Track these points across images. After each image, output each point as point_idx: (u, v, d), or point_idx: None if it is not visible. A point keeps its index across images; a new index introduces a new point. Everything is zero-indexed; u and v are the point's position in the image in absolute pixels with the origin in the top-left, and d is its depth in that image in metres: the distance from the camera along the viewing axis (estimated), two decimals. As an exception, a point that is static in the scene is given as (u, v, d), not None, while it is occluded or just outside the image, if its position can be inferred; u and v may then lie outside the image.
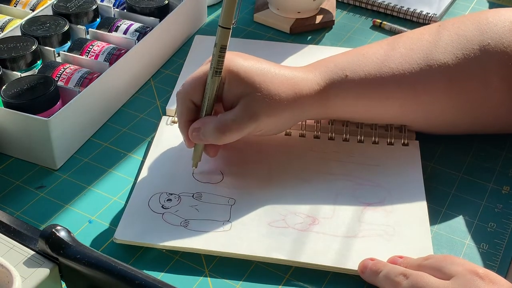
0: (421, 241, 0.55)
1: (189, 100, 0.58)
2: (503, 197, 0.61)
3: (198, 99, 0.58)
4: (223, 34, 0.54)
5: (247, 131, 0.58)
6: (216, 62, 0.55)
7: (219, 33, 0.54)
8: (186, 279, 0.52)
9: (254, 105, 0.57)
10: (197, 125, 0.57)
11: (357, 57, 0.62)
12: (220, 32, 0.54)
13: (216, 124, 0.56)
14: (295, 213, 0.57)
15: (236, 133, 0.57)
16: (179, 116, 0.59)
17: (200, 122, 0.57)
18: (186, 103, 0.58)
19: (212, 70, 0.56)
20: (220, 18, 0.54)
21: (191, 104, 0.58)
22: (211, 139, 0.57)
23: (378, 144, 0.65)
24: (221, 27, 0.54)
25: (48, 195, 0.60)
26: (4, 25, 0.75)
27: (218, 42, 0.55)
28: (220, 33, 0.54)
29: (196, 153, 0.60)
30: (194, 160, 0.60)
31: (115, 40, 0.73)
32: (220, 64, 0.56)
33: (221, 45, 0.55)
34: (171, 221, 0.56)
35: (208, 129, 0.57)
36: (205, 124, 0.57)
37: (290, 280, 0.53)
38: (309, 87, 0.60)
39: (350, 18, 0.88)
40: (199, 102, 0.58)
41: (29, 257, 0.46)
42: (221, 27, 0.54)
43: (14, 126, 0.61)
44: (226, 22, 0.54)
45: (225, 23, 0.54)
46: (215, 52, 0.55)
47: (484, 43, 0.60)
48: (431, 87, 0.60)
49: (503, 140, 0.67)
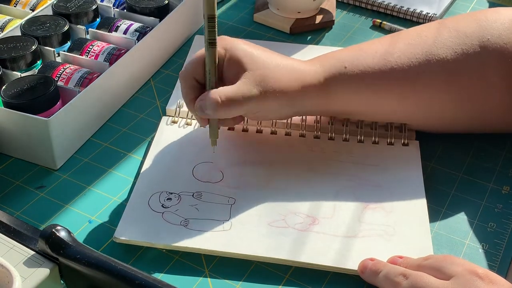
0: (421, 241, 0.55)
1: (192, 78, 0.58)
2: (503, 197, 0.61)
3: (201, 76, 0.58)
4: (209, 3, 0.55)
5: (247, 106, 0.57)
6: (208, 33, 0.56)
7: (205, 2, 0.55)
8: (186, 279, 0.52)
9: (256, 80, 0.57)
10: (199, 99, 0.58)
11: (357, 51, 0.62)
12: (205, 2, 0.55)
13: (215, 96, 0.56)
14: (295, 213, 0.57)
15: (235, 106, 0.57)
16: (184, 96, 0.59)
17: (202, 96, 0.58)
18: (189, 82, 0.58)
19: (206, 42, 0.56)
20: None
21: (195, 82, 0.58)
22: (211, 111, 0.57)
23: (378, 144, 0.65)
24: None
25: (48, 195, 0.60)
26: (4, 25, 0.75)
27: (205, 12, 0.55)
28: (205, 2, 0.55)
29: (212, 130, 0.60)
30: (211, 138, 0.60)
31: (115, 40, 0.73)
32: (211, 35, 0.56)
33: (208, 15, 0.55)
34: (171, 220, 0.56)
35: (208, 101, 0.57)
36: (206, 96, 0.57)
37: (290, 280, 0.53)
38: (310, 76, 0.60)
39: (350, 18, 0.88)
40: (202, 80, 0.58)
41: (29, 257, 0.46)
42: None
43: (14, 126, 0.61)
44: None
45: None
46: (205, 24, 0.56)
47: (484, 39, 0.60)
48: (430, 82, 0.61)
49: (503, 140, 0.67)
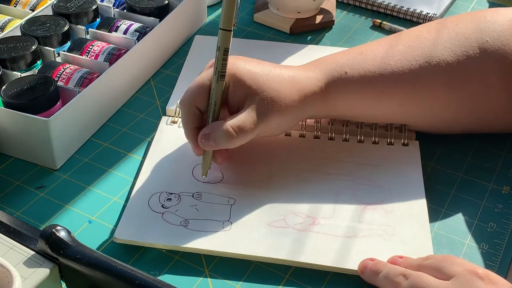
0: (421, 241, 0.55)
1: (194, 106, 0.57)
2: (503, 197, 0.61)
3: (203, 105, 0.57)
4: (225, 36, 0.54)
5: (257, 131, 0.57)
6: (221, 65, 0.55)
7: (220, 35, 0.54)
8: (186, 279, 0.52)
9: (262, 105, 0.57)
10: (206, 131, 0.56)
11: (357, 54, 0.62)
12: (222, 35, 0.54)
13: (227, 128, 0.55)
14: (295, 213, 0.57)
15: (248, 135, 0.56)
16: (184, 124, 0.58)
17: (210, 128, 0.56)
18: (192, 110, 0.57)
19: (217, 74, 0.55)
20: (220, 21, 0.54)
21: (197, 111, 0.57)
22: (223, 143, 0.56)
23: (378, 144, 0.65)
24: (222, 29, 0.54)
25: (48, 195, 0.60)
26: (4, 25, 0.75)
27: (221, 45, 0.54)
28: (222, 35, 0.54)
29: (205, 161, 0.59)
30: (203, 168, 0.59)
31: (115, 40, 0.73)
32: (224, 68, 0.55)
33: (224, 48, 0.54)
34: (171, 220, 0.56)
35: (219, 133, 0.56)
36: (215, 129, 0.56)
37: (290, 280, 0.53)
38: (310, 84, 0.60)
39: (350, 18, 0.88)
40: (204, 108, 0.57)
41: (29, 257, 0.46)
42: (222, 30, 0.54)
43: (14, 126, 0.61)
44: (226, 24, 0.54)
45: (226, 25, 0.54)
46: (218, 55, 0.55)
47: (483, 41, 0.60)
48: (430, 84, 0.61)
49: (503, 140, 0.67)
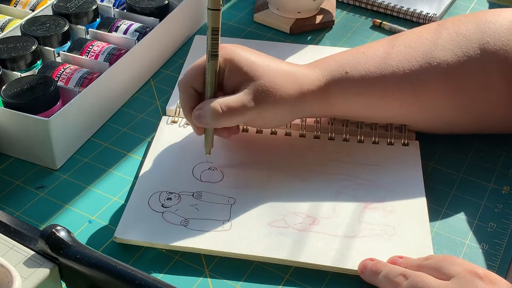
0: (421, 241, 0.55)
1: (190, 87, 0.58)
2: (503, 197, 0.61)
3: (200, 85, 0.58)
4: (213, 16, 0.55)
5: (248, 117, 0.58)
6: (210, 45, 0.56)
7: (209, 16, 0.55)
8: (186, 279, 0.52)
9: (256, 92, 0.57)
10: (197, 108, 0.58)
11: (357, 55, 0.62)
12: (211, 15, 0.55)
13: (214, 105, 0.56)
14: (295, 213, 0.57)
15: (236, 116, 0.57)
16: (182, 104, 0.59)
17: (201, 105, 0.58)
18: (188, 90, 0.58)
19: (208, 54, 0.56)
20: (208, 1, 0.54)
21: (193, 91, 0.58)
22: (209, 119, 0.57)
23: (378, 144, 0.65)
24: (210, 9, 0.54)
25: (48, 195, 0.60)
26: (4, 25, 0.75)
27: (209, 25, 0.55)
28: (211, 15, 0.55)
29: (206, 140, 0.60)
30: (206, 147, 0.60)
31: (115, 40, 0.73)
32: (214, 47, 0.56)
33: (212, 28, 0.55)
34: (171, 220, 0.56)
35: (207, 110, 0.56)
36: (205, 105, 0.57)
37: (290, 280, 0.53)
38: (310, 82, 0.60)
39: (350, 18, 0.88)
40: (201, 89, 0.58)
41: (29, 257, 0.46)
42: (210, 10, 0.54)
43: (14, 126, 0.61)
44: (214, 4, 0.54)
45: (214, 5, 0.54)
46: (208, 35, 0.55)
47: (483, 41, 0.60)
48: (431, 85, 0.60)
49: (503, 140, 0.67)
